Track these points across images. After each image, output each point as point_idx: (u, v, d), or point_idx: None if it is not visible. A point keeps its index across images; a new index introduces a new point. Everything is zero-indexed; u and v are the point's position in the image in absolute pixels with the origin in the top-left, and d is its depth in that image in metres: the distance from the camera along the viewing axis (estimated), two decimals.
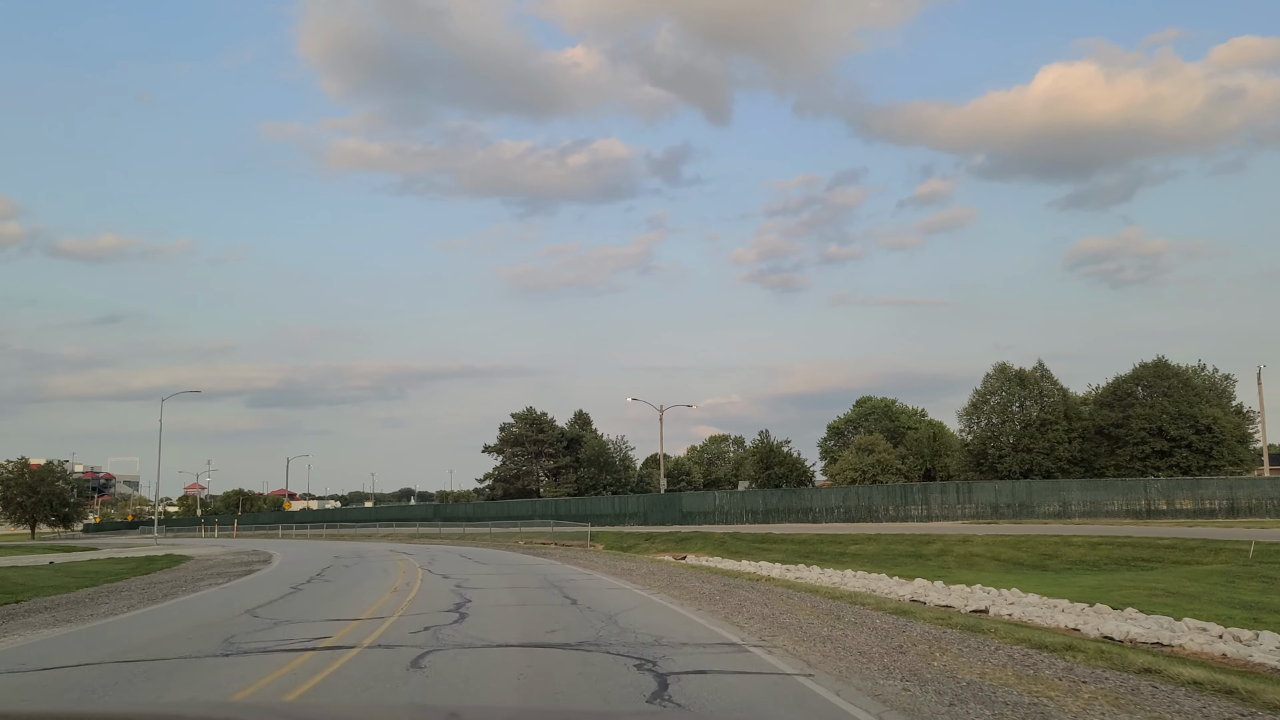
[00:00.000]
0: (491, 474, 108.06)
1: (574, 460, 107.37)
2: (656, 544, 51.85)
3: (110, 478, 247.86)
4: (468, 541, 57.53)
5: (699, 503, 61.37)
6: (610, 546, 53.44)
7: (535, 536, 59.65)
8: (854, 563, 41.09)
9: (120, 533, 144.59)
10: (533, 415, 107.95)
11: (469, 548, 46.55)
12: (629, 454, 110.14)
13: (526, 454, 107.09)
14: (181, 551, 53.53)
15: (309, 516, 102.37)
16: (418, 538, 67.85)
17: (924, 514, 50.69)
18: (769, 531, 49.59)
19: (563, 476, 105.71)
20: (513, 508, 78.28)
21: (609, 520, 65.83)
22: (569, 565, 29.69)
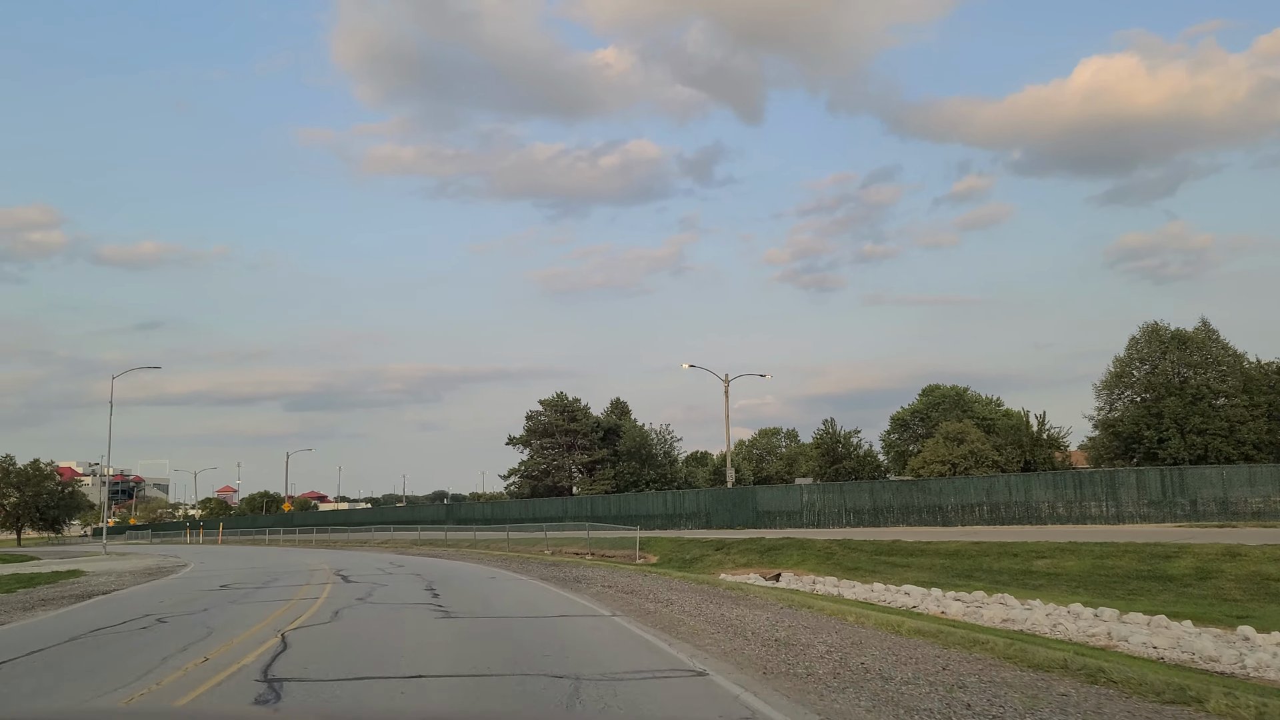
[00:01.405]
0: (518, 470, 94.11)
1: (611, 453, 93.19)
2: (733, 556, 37.41)
3: (139, 481, 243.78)
4: (475, 552, 43.44)
5: (779, 499, 46.90)
6: (668, 559, 39.08)
7: (566, 544, 45.45)
8: (1056, 587, 26.50)
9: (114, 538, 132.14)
10: (563, 402, 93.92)
11: (464, 564, 32.43)
12: (675, 445, 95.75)
13: (557, 447, 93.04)
14: (99, 565, 40.28)
15: (311, 519, 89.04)
16: (420, 545, 53.98)
17: (1109, 513, 35.92)
18: (895, 538, 35.00)
19: (598, 472, 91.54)
20: (539, 507, 64.15)
21: (659, 523, 51.54)
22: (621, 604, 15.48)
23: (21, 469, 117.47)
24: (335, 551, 48.84)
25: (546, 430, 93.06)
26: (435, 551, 44.54)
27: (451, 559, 36.01)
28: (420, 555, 40.43)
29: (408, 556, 39.55)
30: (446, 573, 24.78)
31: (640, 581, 20.42)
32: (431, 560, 34.65)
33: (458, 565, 29.80)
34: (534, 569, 26.93)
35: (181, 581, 24.53)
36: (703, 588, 18.90)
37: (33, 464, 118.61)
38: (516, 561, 32.38)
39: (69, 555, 61.11)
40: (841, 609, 14.52)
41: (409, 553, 44.68)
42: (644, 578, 21.90)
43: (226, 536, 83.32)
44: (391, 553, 45.59)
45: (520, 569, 27.02)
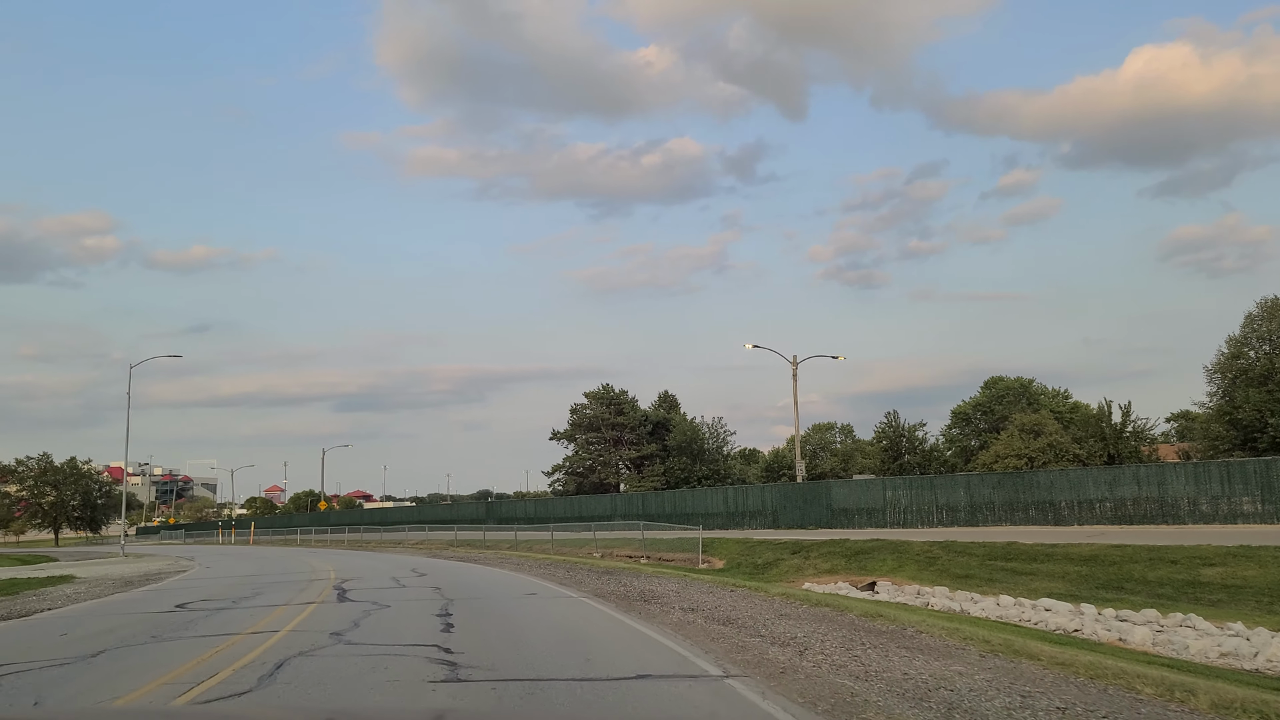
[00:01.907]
0: (561, 466, 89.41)
1: (660, 448, 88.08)
2: (813, 560, 32.06)
3: (188, 480, 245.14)
4: (515, 555, 38.51)
5: (858, 496, 41.39)
6: (736, 564, 33.86)
7: (617, 545, 40.43)
8: (1241, 603, 20.89)
9: (148, 538, 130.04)
10: (609, 394, 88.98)
11: (498, 573, 27.37)
12: (728, 439, 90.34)
13: (603, 441, 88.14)
14: (96, 570, 36.26)
15: (348, 518, 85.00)
16: (455, 546, 49.26)
17: (1267, 511, 30.00)
18: (1009, 540, 29.42)
19: (647, 468, 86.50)
20: (585, 505, 59.17)
21: (719, 522, 46.30)
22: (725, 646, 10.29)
23: (59, 467, 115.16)
24: (361, 554, 44.25)
25: (592, 424, 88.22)
26: (471, 554, 39.69)
27: (487, 564, 31.04)
28: (452, 559, 35.56)
29: (438, 560, 34.70)
30: (474, 586, 19.74)
31: (729, 600, 15.23)
32: (462, 566, 29.68)
33: (491, 574, 24.76)
34: (584, 579, 21.84)
35: (144, 598, 19.81)
36: (822, 611, 13.66)
37: (69, 462, 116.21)
38: (563, 568, 27.30)
39: (87, 557, 57.44)
40: (1072, 656, 9.17)
41: (442, 555, 39.90)
42: (729, 594, 16.69)
43: (260, 536, 79.51)
44: (422, 555, 40.86)
45: (568, 578, 21.95)
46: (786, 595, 16.25)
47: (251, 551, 52.37)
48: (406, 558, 37.93)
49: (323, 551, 49.43)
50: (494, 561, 32.12)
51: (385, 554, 43.56)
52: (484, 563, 31.77)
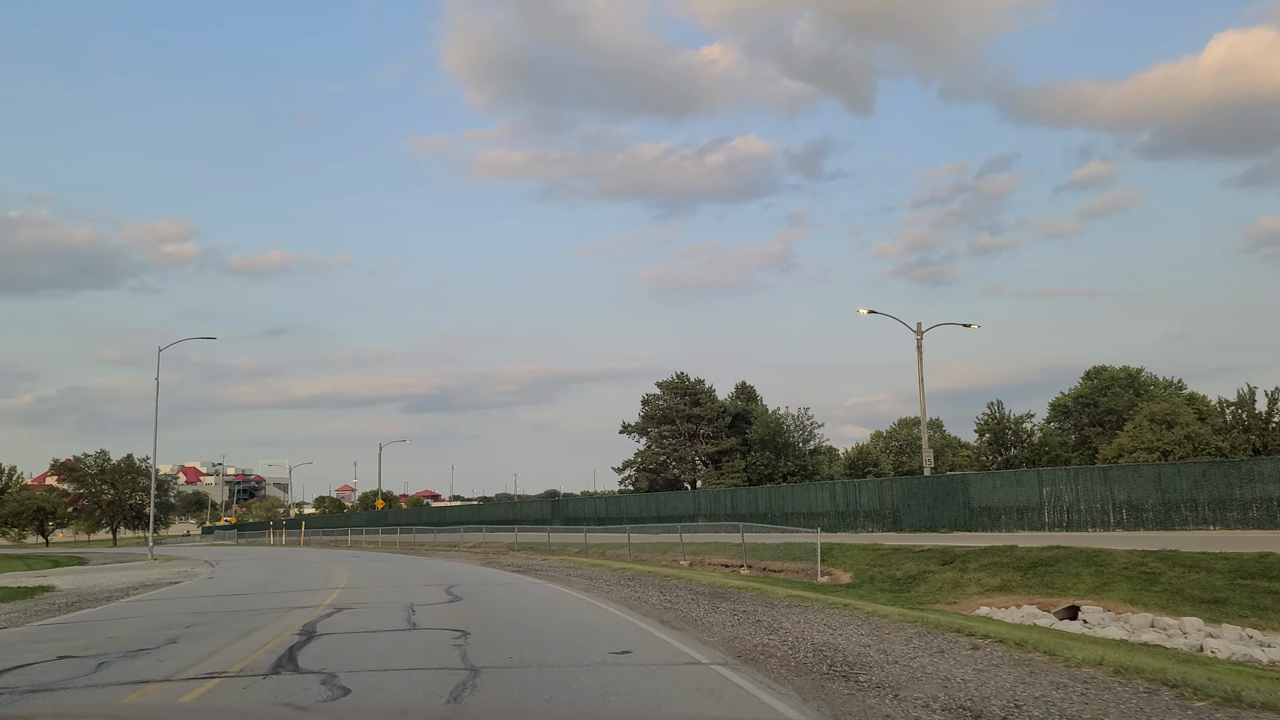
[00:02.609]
0: (633, 462, 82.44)
1: (740, 442, 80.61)
2: (974, 574, 24.43)
3: (260, 480, 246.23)
4: (585, 563, 31.47)
5: (1005, 492, 33.51)
6: (867, 576, 26.43)
7: (706, 550, 33.29)
8: None
9: (207, 538, 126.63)
10: (684, 384, 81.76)
11: (562, 594, 20.17)
12: (815, 432, 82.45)
13: (678, 435, 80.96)
14: (84, 580, 30.48)
15: (405, 517, 79.18)
16: (516, 550, 42.58)
17: None
18: (1264, 551, 21.45)
19: (726, 464, 79.09)
20: (664, 504, 52.02)
21: (827, 522, 38.78)
22: None
23: (115, 465, 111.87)
24: (403, 560, 37.68)
25: (666, 416, 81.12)
26: (532, 562, 32.75)
27: (550, 577, 24.01)
28: (508, 569, 28.60)
29: (489, 572, 27.78)
30: (525, 626, 12.61)
31: (998, 670, 7.85)
32: (517, 583, 22.65)
33: (554, 598, 17.66)
34: (692, 608, 14.71)
35: (36, 635, 13.12)
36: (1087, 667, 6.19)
37: (125, 459, 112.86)
38: (652, 585, 20.17)
39: (114, 560, 52.23)
40: None
41: (497, 562, 33.07)
42: (970, 651, 9.31)
43: (313, 536, 74.02)
44: (474, 562, 34.12)
45: (669, 609, 14.82)
46: (1043, 651, 8.77)
47: (286, 555, 46.37)
48: (453, 567, 31.16)
49: (363, 556, 43.11)
50: (559, 574, 25.07)
51: (432, 560, 36.95)
52: (546, 575, 24.75)
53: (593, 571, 25.81)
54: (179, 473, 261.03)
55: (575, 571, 26.04)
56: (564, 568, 28.23)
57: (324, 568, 31.43)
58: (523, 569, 27.93)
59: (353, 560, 37.98)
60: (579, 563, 31.02)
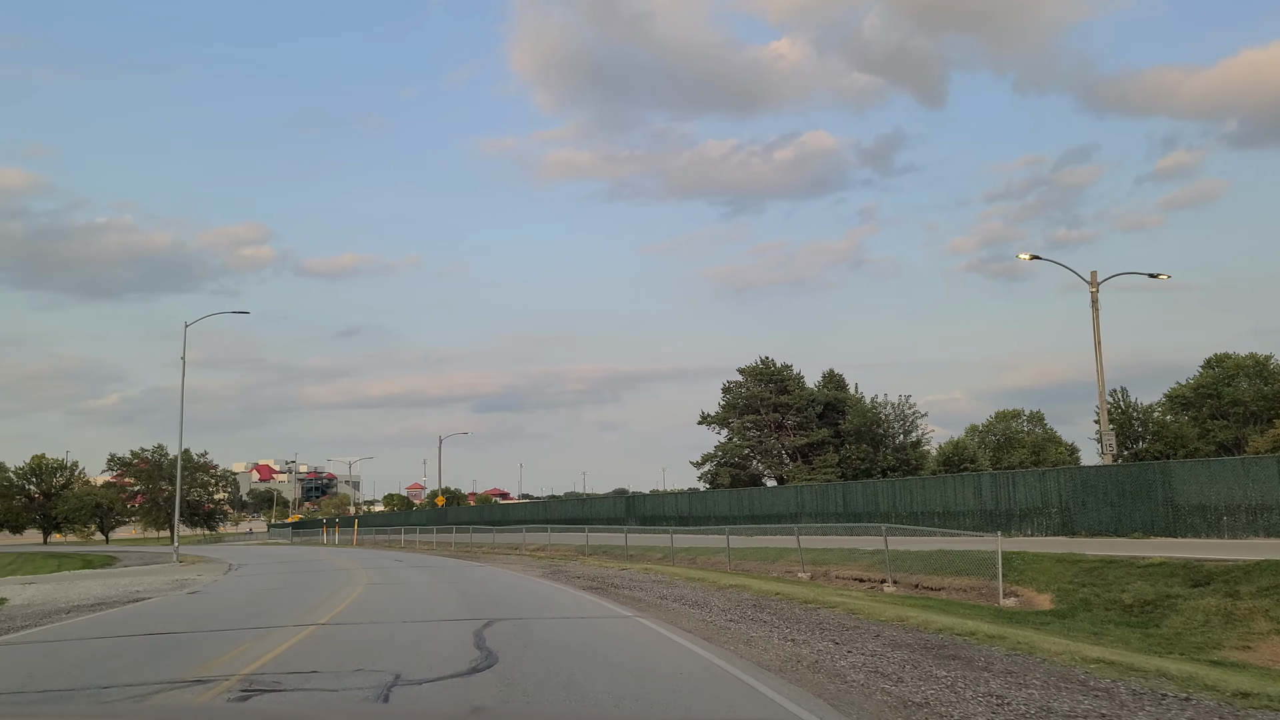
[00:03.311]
0: (713, 455, 75.09)
1: (833, 434, 72.75)
2: (1250, 600, 16.54)
3: (332, 478, 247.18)
4: (675, 573, 24.25)
5: (1224, 485, 25.39)
6: (1077, 600, 18.88)
7: (830, 560, 25.97)
8: None
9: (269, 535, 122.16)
10: (770, 370, 74.18)
11: (670, 644, 12.62)
12: (917, 423, 74.17)
13: (763, 426, 73.40)
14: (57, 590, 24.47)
15: (465, 516, 73.07)
16: (587, 554, 35.72)
17: None
18: None
19: (817, 458, 71.30)
20: (757, 500, 44.67)
21: (971, 523, 31.10)
22: None
23: (173, 459, 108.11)
24: (451, 565, 30.98)
25: (749, 405, 73.61)
26: (607, 571, 25.72)
27: (637, 604, 16.84)
28: (578, 584, 21.52)
29: (554, 588, 20.80)
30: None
31: None
32: (590, 613, 15.57)
33: (656, 654, 10.45)
34: (897, 668, 7.30)
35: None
36: None
37: (184, 454, 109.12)
38: (798, 619, 13.01)
39: (141, 560, 46.81)
40: None
41: (563, 572, 26.12)
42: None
43: (367, 535, 68.23)
44: (536, 570, 27.23)
45: (868, 685, 7.45)
46: None
47: (320, 559, 40.18)
48: (506, 579, 24.27)
49: (407, 560, 36.59)
50: (650, 595, 17.94)
51: (484, 567, 30.17)
52: (633, 597, 17.65)
53: (696, 591, 18.60)
54: (252, 470, 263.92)
55: (670, 590, 18.88)
56: (652, 582, 21.10)
57: (342, 579, 24.84)
58: (598, 585, 20.84)
59: (389, 567, 31.43)
60: (670, 574, 23.85)
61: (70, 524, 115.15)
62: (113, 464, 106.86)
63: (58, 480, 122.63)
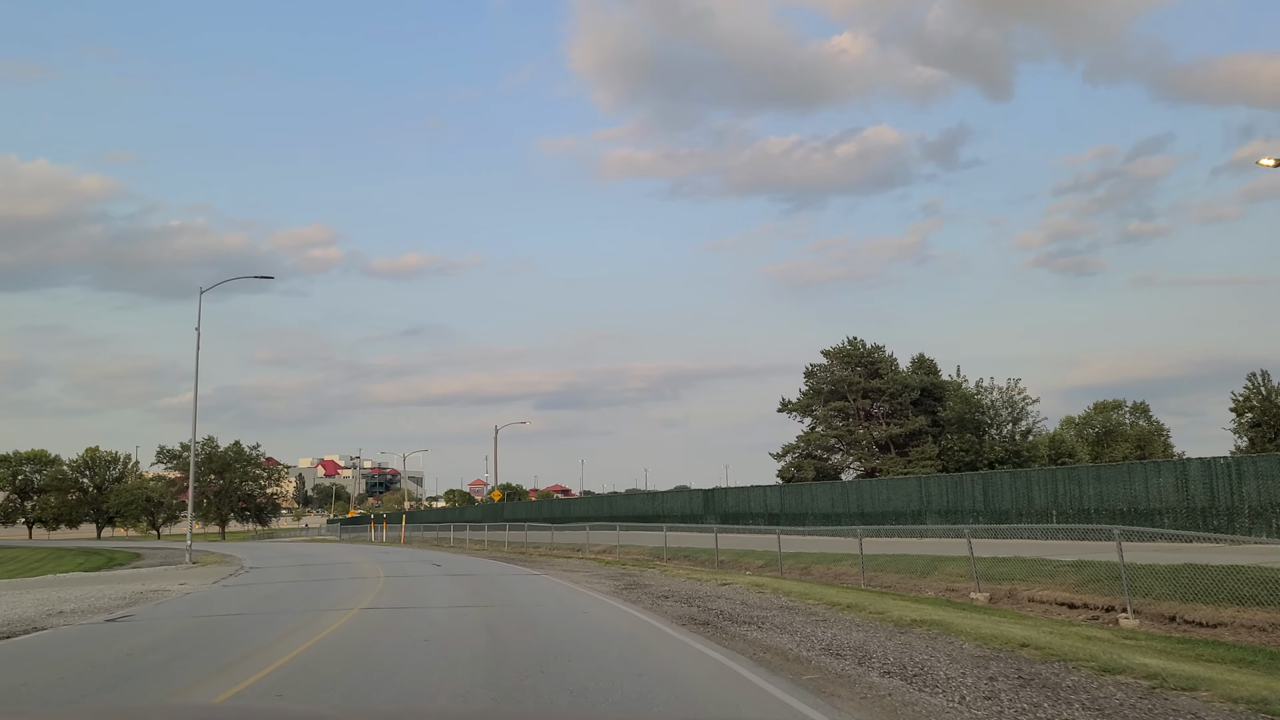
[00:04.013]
0: (795, 447, 67.72)
1: (930, 423, 64.89)
2: None
3: (395, 474, 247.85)
4: (805, 594, 17.06)
5: None
6: None
7: (1009, 572, 18.66)
8: None
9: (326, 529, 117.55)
10: (859, 351, 66.62)
11: None
12: (1028, 409, 65.89)
13: (850, 414, 65.84)
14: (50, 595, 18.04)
15: (521, 512, 66.86)
16: (666, 561, 28.84)
17: None
18: None
19: (914, 449, 63.51)
20: (868, 495, 37.35)
21: (1170, 522, 23.41)
22: None
23: (222, 452, 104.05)
24: (496, 572, 24.33)
25: (836, 391, 66.11)
26: (700, 587, 18.86)
27: (810, 688, 9.76)
28: (667, 615, 14.59)
29: (636, 620, 13.93)
30: None
31: None
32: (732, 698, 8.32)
33: None
34: None
35: None
36: None
37: (233, 446, 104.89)
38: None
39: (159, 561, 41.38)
40: None
41: (643, 587, 19.26)
42: None
43: (417, 532, 62.28)
44: (604, 583, 20.44)
45: None
46: None
47: (349, 558, 33.96)
48: (566, 596, 17.48)
49: (448, 563, 30.10)
50: (794, 641, 10.99)
51: (539, 577, 23.42)
52: (764, 641, 10.77)
53: (867, 633, 11.52)
54: (318, 466, 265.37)
55: (825, 630, 11.85)
56: (782, 610, 14.10)
57: (338, 598, 18.28)
58: (701, 614, 13.89)
59: (417, 576, 24.91)
60: (795, 595, 16.81)
61: (123, 518, 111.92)
62: (162, 456, 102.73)
63: (111, 473, 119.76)
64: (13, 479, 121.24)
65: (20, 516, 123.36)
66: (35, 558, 59.29)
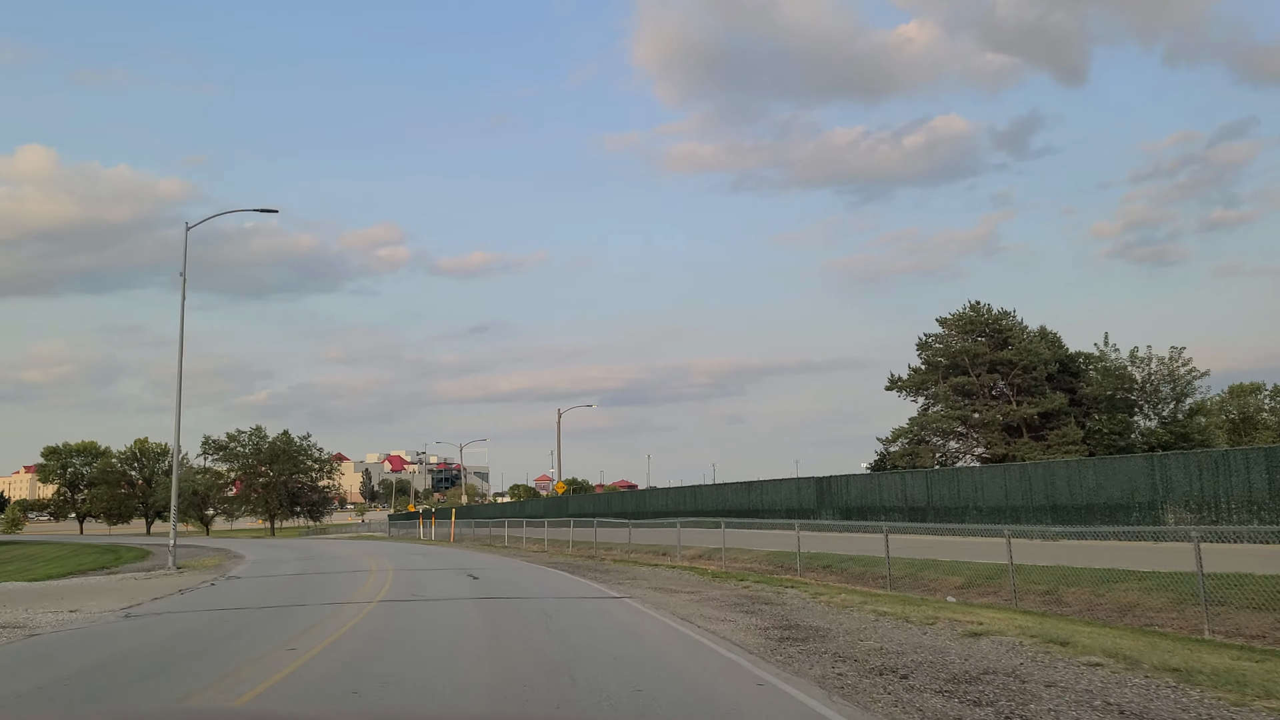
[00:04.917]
0: (906, 431, 57.82)
1: (1071, 401, 54.54)
2: None
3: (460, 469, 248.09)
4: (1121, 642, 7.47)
5: None
6: None
7: None
8: None
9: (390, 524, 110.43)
10: (984, 317, 56.57)
11: None
12: (1194, 383, 55.01)
13: (976, 391, 55.75)
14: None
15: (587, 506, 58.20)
16: (804, 566, 19.63)
17: None
18: None
19: (1053, 431, 53.21)
20: (1069, 479, 27.41)
21: None
22: None
23: (271, 443, 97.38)
24: (565, 587, 15.33)
25: (955, 364, 56.06)
26: (993, 688, 9.48)
27: None
28: None
29: None
30: None
31: None
32: None
33: None
34: None
35: None
36: None
37: (282, 436, 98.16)
38: None
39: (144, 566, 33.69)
40: None
41: (814, 641, 10.26)
42: None
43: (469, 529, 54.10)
44: (745, 639, 11.44)
45: None
46: None
47: (383, 559, 25.45)
48: (683, 648, 8.25)
49: (493, 570, 21.37)
50: None
51: (625, 600, 14.42)
52: None
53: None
54: (384, 461, 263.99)
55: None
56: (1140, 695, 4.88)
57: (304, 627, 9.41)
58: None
59: (436, 598, 16.21)
60: (1124, 660, 7.53)
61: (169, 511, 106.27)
62: (208, 447, 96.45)
63: (161, 466, 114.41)
64: (63, 471, 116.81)
65: (71, 510, 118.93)
66: (50, 554, 53.98)
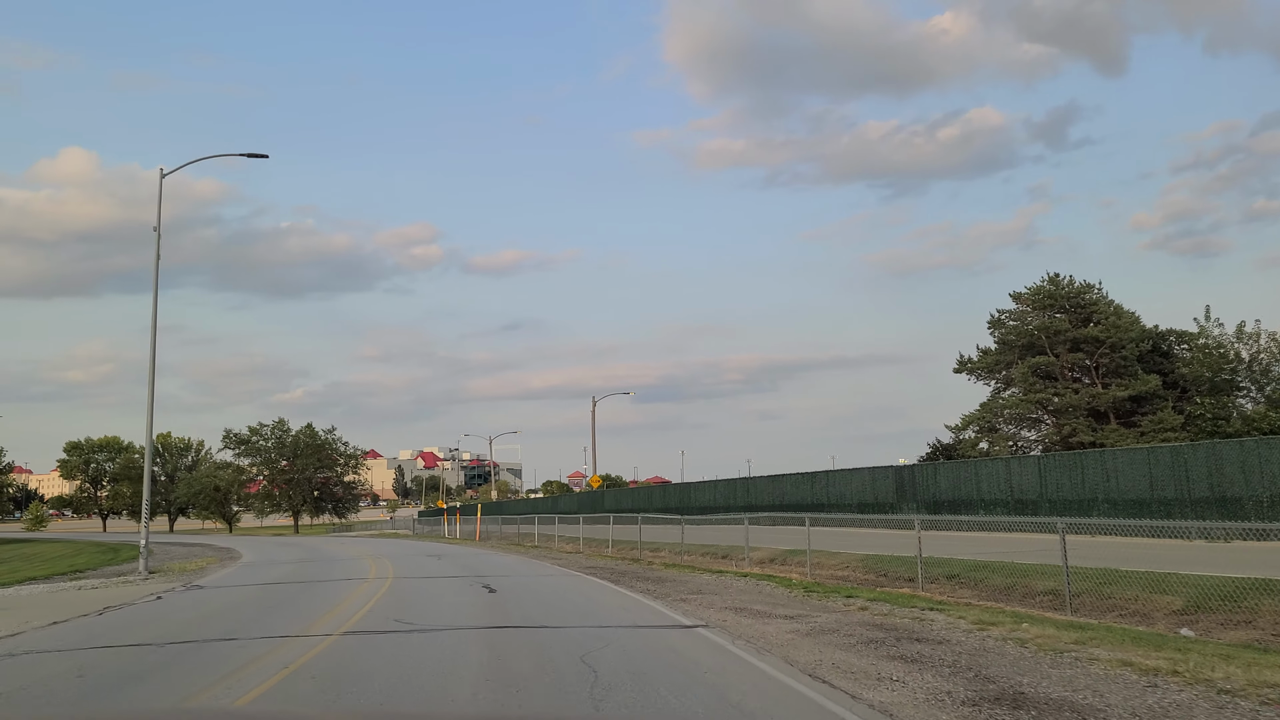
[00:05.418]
0: (975, 418, 52.26)
1: (1163, 384, 48.71)
2: None
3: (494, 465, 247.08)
4: None
5: None
6: None
7: None
8: None
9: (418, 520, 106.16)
10: (1065, 291, 50.89)
11: None
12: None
13: (1059, 372, 50.12)
14: None
15: (624, 500, 53.30)
16: (913, 581, 14.43)
17: None
18: None
19: (1146, 417, 47.44)
20: (1237, 463, 21.82)
21: None
22: None
23: (295, 437, 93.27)
24: (603, 596, 10.27)
25: (1033, 344, 50.45)
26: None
27: None
28: None
29: None
30: None
31: None
32: None
33: None
34: None
35: None
36: None
37: (305, 429, 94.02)
38: None
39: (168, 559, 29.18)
40: None
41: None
42: None
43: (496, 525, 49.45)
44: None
45: None
46: None
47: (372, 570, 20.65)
48: None
49: (517, 577, 16.50)
50: None
51: (696, 634, 9.40)
52: None
53: None
54: (417, 458, 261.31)
55: None
56: None
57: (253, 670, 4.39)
58: None
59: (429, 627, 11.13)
60: None
61: (195, 509, 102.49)
62: (229, 441, 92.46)
63: (184, 461, 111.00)
64: (85, 467, 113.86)
65: (94, 506, 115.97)
66: (51, 554, 50.53)
